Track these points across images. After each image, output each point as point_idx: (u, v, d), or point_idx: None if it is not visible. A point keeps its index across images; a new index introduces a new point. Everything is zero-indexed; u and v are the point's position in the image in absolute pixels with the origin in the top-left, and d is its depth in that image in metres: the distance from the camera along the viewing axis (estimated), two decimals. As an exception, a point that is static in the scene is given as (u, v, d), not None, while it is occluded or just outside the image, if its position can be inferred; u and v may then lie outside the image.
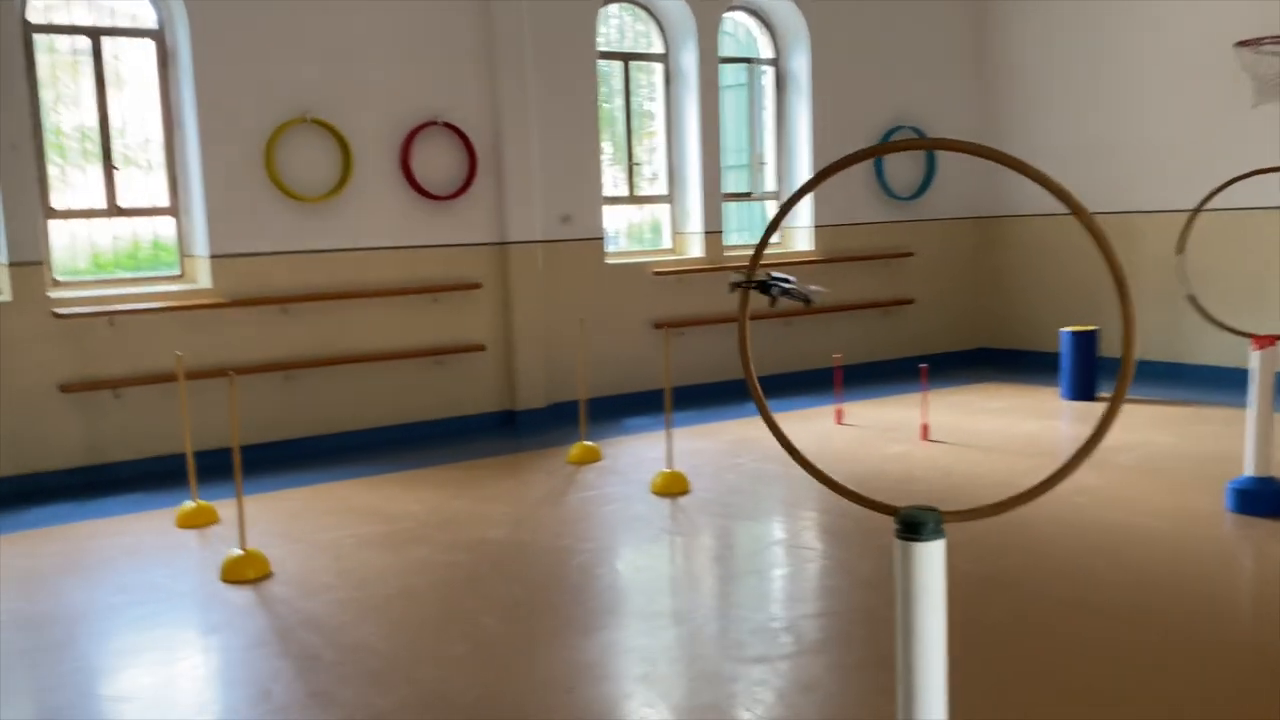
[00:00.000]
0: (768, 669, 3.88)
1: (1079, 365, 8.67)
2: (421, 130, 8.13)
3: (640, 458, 7.14)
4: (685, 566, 5.29)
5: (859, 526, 5.45)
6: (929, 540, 2.37)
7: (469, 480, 6.78)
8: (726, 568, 5.28)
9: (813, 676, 3.83)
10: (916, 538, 2.37)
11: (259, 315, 7.65)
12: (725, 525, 5.69)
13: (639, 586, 4.86)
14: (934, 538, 2.38)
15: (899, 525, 2.41)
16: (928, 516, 2.38)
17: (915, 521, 2.38)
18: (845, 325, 10.35)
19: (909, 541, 2.38)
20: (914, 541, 2.38)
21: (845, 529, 5.50)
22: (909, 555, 2.38)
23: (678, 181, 9.71)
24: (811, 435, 7.70)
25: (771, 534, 5.56)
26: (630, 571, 5.05)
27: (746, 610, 4.52)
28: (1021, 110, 10.74)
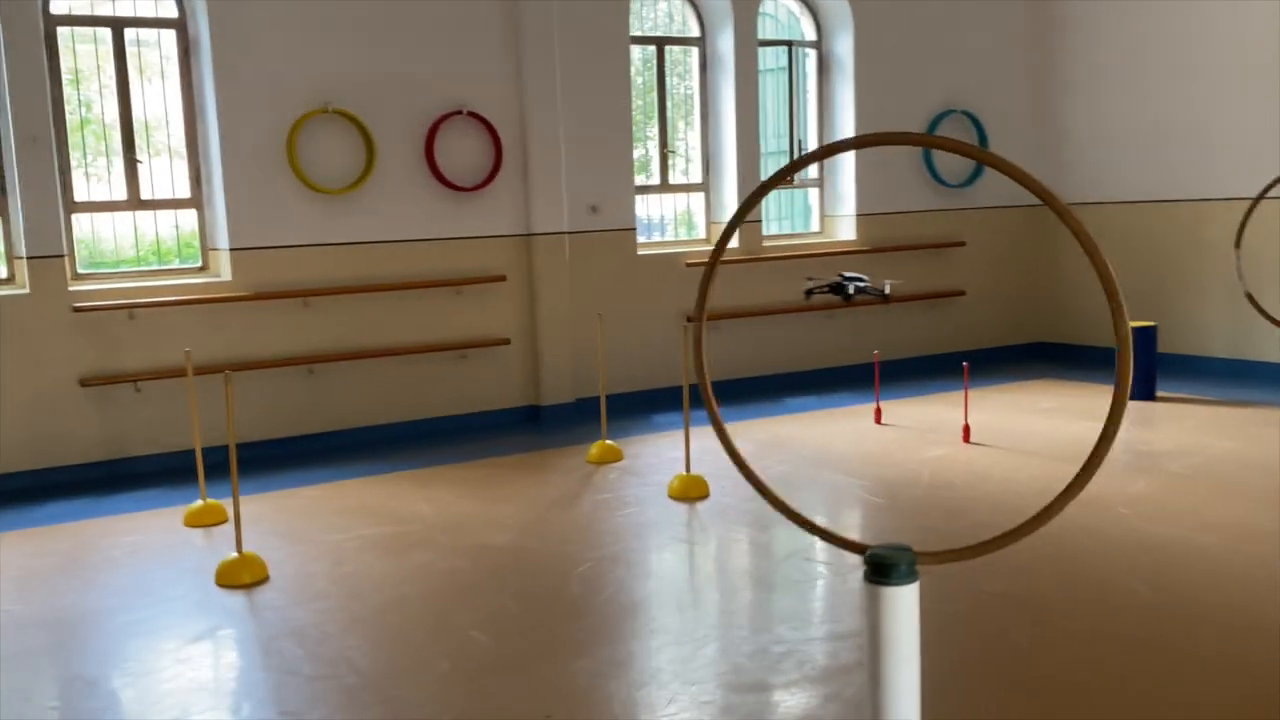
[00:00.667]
0: (761, 700, 3.61)
1: (1136, 363, 8.20)
2: (446, 120, 7.93)
3: (663, 458, 6.88)
4: (691, 581, 5.02)
5: (880, 540, 5.13)
6: (900, 584, 2.09)
7: (484, 479, 6.58)
8: (734, 582, 5.00)
9: (808, 711, 3.54)
10: (886, 581, 2.09)
11: (280, 309, 7.53)
12: (740, 534, 5.41)
13: (639, 602, 4.60)
14: (906, 581, 2.09)
15: (867, 567, 2.12)
16: (899, 558, 2.09)
17: (884, 563, 2.09)
18: (891, 318, 9.97)
19: (878, 585, 2.10)
20: (883, 585, 2.09)
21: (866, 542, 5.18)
22: (877, 601, 2.10)
23: (713, 169, 9.40)
24: (846, 436, 7.38)
25: (788, 545, 5.27)
26: (632, 584, 4.80)
27: (750, 631, 4.25)
28: (1080, 93, 10.24)
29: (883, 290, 9.19)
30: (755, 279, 9.32)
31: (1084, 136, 10.22)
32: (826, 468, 6.53)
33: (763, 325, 9.40)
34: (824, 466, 6.55)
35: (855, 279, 9.21)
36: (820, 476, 6.34)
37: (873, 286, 9.27)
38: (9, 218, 6.88)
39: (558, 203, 8.38)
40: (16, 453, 6.82)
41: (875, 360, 8.05)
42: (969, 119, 10.17)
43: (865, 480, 6.22)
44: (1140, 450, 6.64)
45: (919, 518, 5.49)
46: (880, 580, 2.08)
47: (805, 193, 10.11)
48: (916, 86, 9.94)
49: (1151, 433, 7.32)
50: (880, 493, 5.99)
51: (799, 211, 10.29)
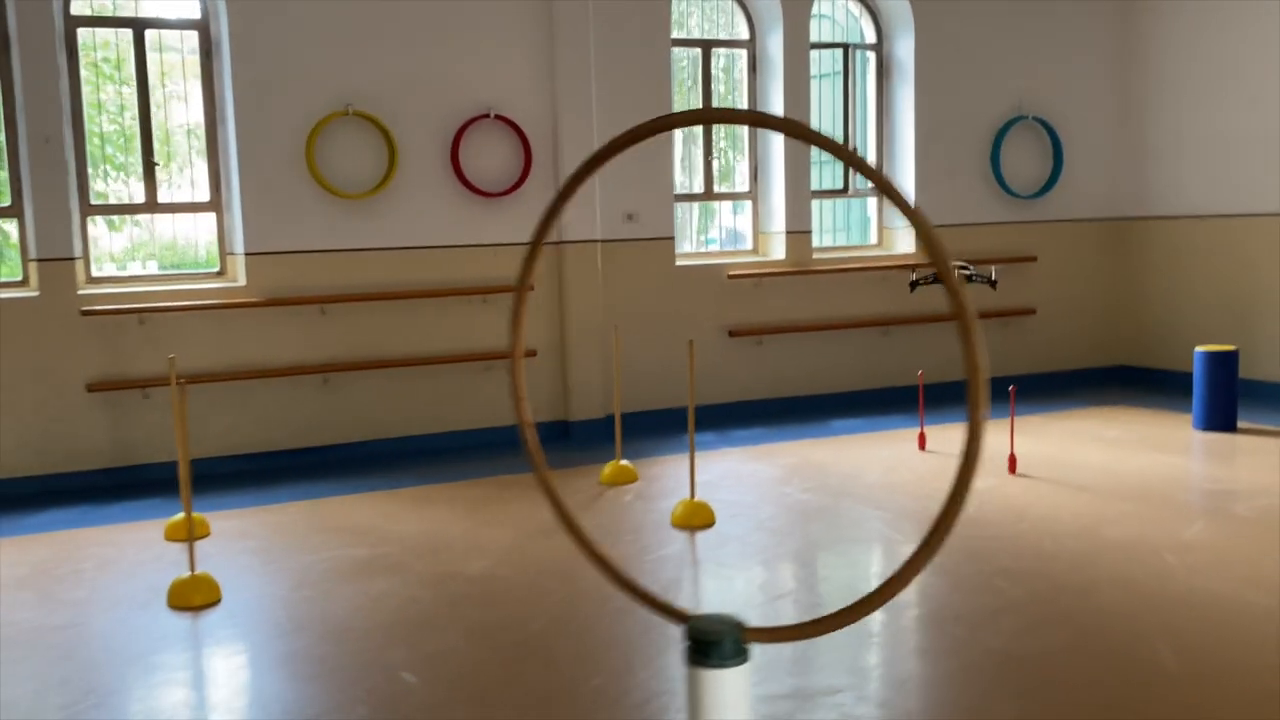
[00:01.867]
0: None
1: (1215, 391, 7.46)
2: (473, 124, 7.64)
3: (680, 481, 6.41)
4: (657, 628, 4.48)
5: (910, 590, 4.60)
6: (725, 666, 1.63)
7: (484, 499, 6.23)
8: None
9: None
10: (706, 662, 1.64)
11: (296, 315, 7.31)
12: (732, 572, 4.91)
13: (591, 650, 4.12)
14: (731, 662, 1.63)
15: (687, 643, 1.67)
16: (723, 632, 1.64)
17: (704, 640, 1.64)
18: (954, 337, 9.31)
19: (698, 668, 1.65)
20: (703, 668, 1.64)
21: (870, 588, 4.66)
22: (697, 684, 1.65)
23: (762, 177, 8.92)
24: (884, 462, 6.82)
25: (780, 586, 4.78)
26: (595, 627, 4.35)
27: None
28: (1164, 100, 9.48)
29: (989, 277, 8.64)
30: (805, 292, 8.82)
31: (1167, 146, 9.45)
32: (850, 497, 6.00)
33: (813, 342, 8.88)
34: (848, 496, 6.02)
35: (961, 266, 8.68)
36: (839, 507, 5.82)
37: (979, 274, 8.70)
38: (23, 220, 6.80)
39: (590, 209, 8.02)
40: (22, 457, 6.72)
41: (919, 381, 7.47)
42: (1042, 126, 9.50)
43: (887, 512, 5.68)
44: (1206, 488, 5.95)
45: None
46: (701, 660, 1.63)
47: (863, 202, 9.56)
48: (983, 91, 9.31)
49: (1223, 468, 6.60)
50: (900, 527, 5.44)
51: (856, 222, 9.74)
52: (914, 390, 8.98)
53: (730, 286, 8.59)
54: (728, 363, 8.61)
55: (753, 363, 8.71)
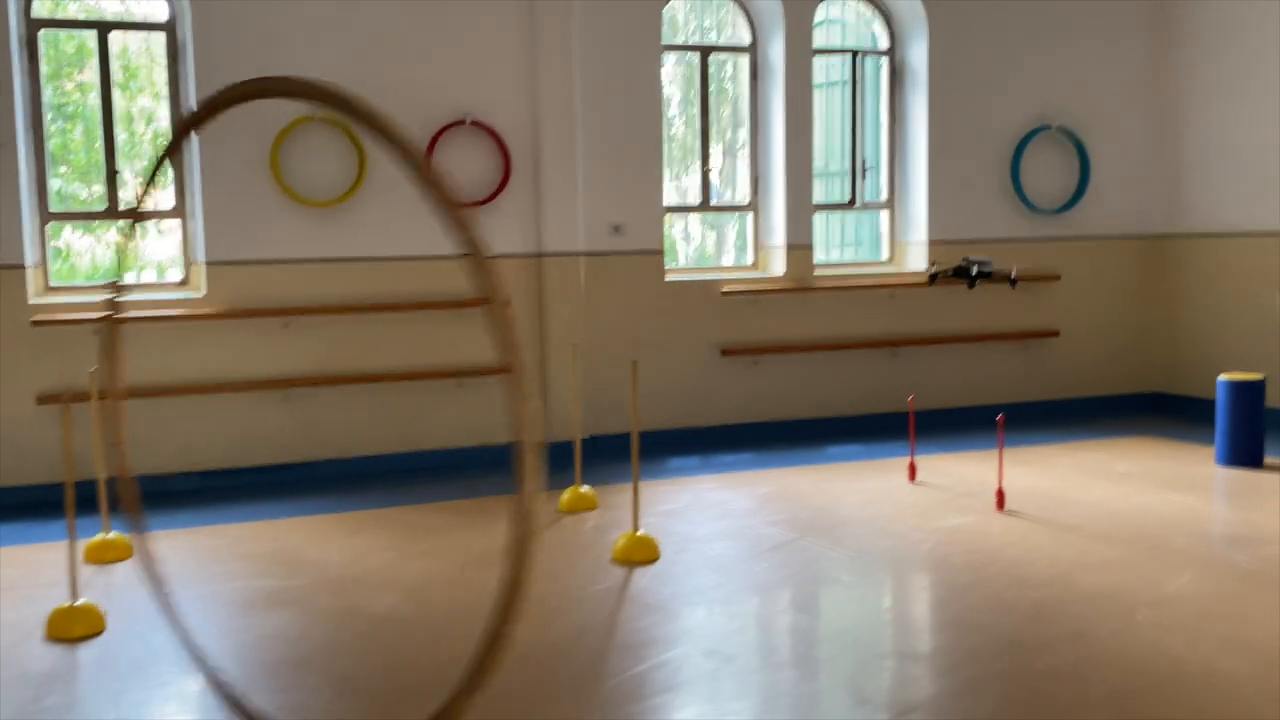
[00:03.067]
0: None
1: (1239, 423, 6.84)
2: (448, 130, 7.33)
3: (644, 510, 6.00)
4: (548, 684, 3.98)
5: (837, 644, 4.14)
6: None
7: (426, 526, 5.87)
8: (599, 692, 3.93)
9: None
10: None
11: (257, 327, 7.04)
12: (658, 618, 4.41)
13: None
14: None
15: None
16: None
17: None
18: (970, 359, 8.79)
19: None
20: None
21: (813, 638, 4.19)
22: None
23: (764, 189, 8.48)
24: (865, 494, 6.33)
25: (707, 635, 4.31)
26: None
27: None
28: (1201, 110, 8.84)
29: (1009, 274, 8.16)
30: (806, 310, 8.35)
31: (1204, 158, 8.81)
32: (815, 533, 5.52)
33: (813, 363, 8.40)
34: (813, 531, 5.55)
35: (980, 262, 8.22)
36: (798, 544, 5.34)
37: (999, 270, 8.21)
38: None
39: (573, 220, 7.65)
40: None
41: (910, 407, 6.95)
42: (1068, 137, 8.93)
43: (847, 552, 5.19)
44: (1211, 532, 5.36)
45: (867, 609, 4.46)
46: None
47: (874, 216, 9.07)
48: (1003, 99, 8.77)
49: (1237, 510, 5.99)
50: (853, 568, 4.95)
51: (868, 237, 9.24)
52: (922, 416, 8.47)
53: (724, 303, 8.16)
54: (720, 383, 8.17)
55: (747, 384, 8.26)
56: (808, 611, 4.51)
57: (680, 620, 4.34)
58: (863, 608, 4.57)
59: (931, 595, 4.59)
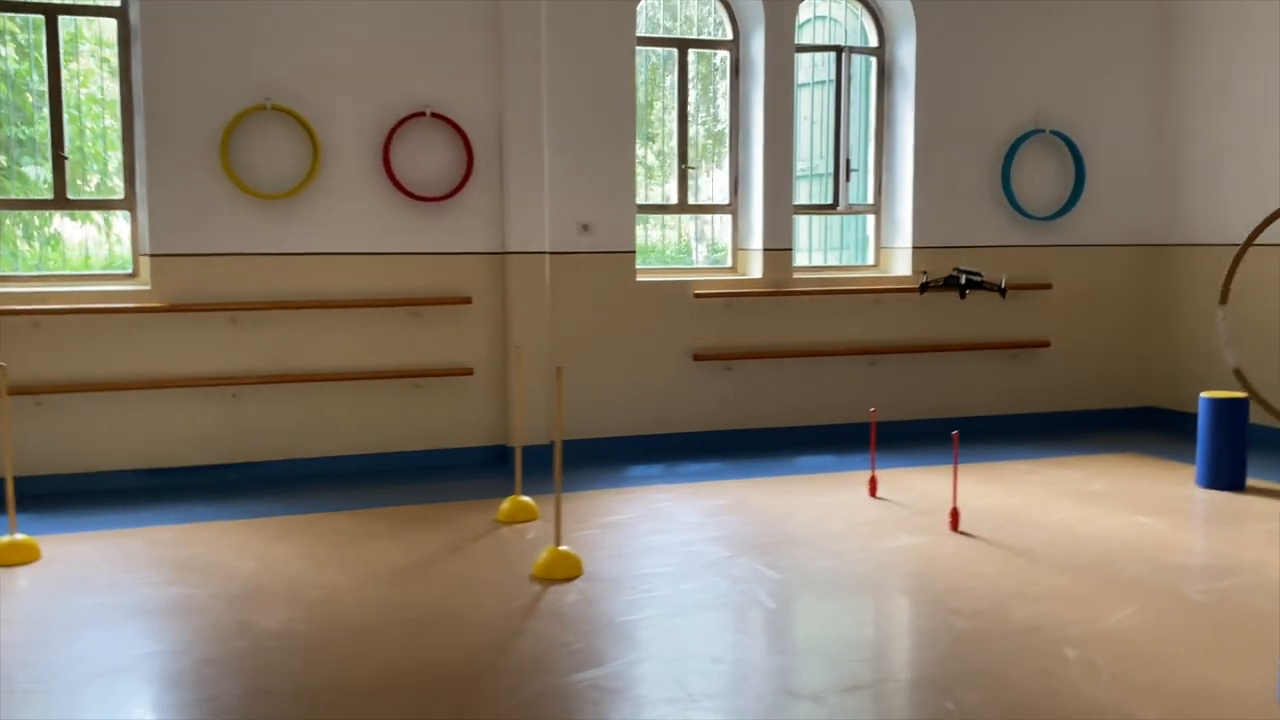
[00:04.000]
0: None
1: (1220, 443, 6.49)
2: (407, 122, 7.11)
3: (589, 522, 5.79)
4: (409, 708, 3.74)
5: (729, 678, 3.87)
6: None
7: (355, 534, 5.65)
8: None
9: None
10: None
11: (204, 323, 6.87)
12: (552, 644, 4.11)
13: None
14: None
15: None
16: None
17: None
18: (956, 369, 8.48)
19: None
20: None
21: (709, 671, 3.93)
22: None
23: (743, 189, 8.21)
24: (819, 509, 6.05)
25: (597, 664, 4.04)
26: (352, 705, 3.70)
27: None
28: (1206, 113, 8.47)
29: (999, 285, 7.87)
30: (784, 315, 8.07)
31: (1207, 165, 8.44)
32: (755, 551, 5.25)
33: (790, 370, 8.12)
34: (754, 549, 5.28)
35: (969, 272, 7.95)
36: (732, 563, 5.07)
37: (989, 281, 7.93)
38: (-80, 213, 6.50)
39: (538, 219, 7.41)
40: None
41: (872, 419, 6.65)
42: (1062, 141, 8.58)
43: (780, 574, 4.91)
44: (1169, 561, 5.03)
45: (776, 639, 4.18)
46: None
47: (860, 220, 8.76)
48: (994, 101, 8.44)
49: (1206, 536, 5.66)
50: (782, 592, 4.67)
51: (855, 241, 8.94)
52: (902, 428, 8.21)
53: (697, 306, 7.89)
54: (690, 389, 7.92)
55: (719, 390, 7.99)
56: (713, 640, 4.23)
57: (575, 647, 4.07)
58: (771, 638, 4.28)
59: (851, 624, 4.32)
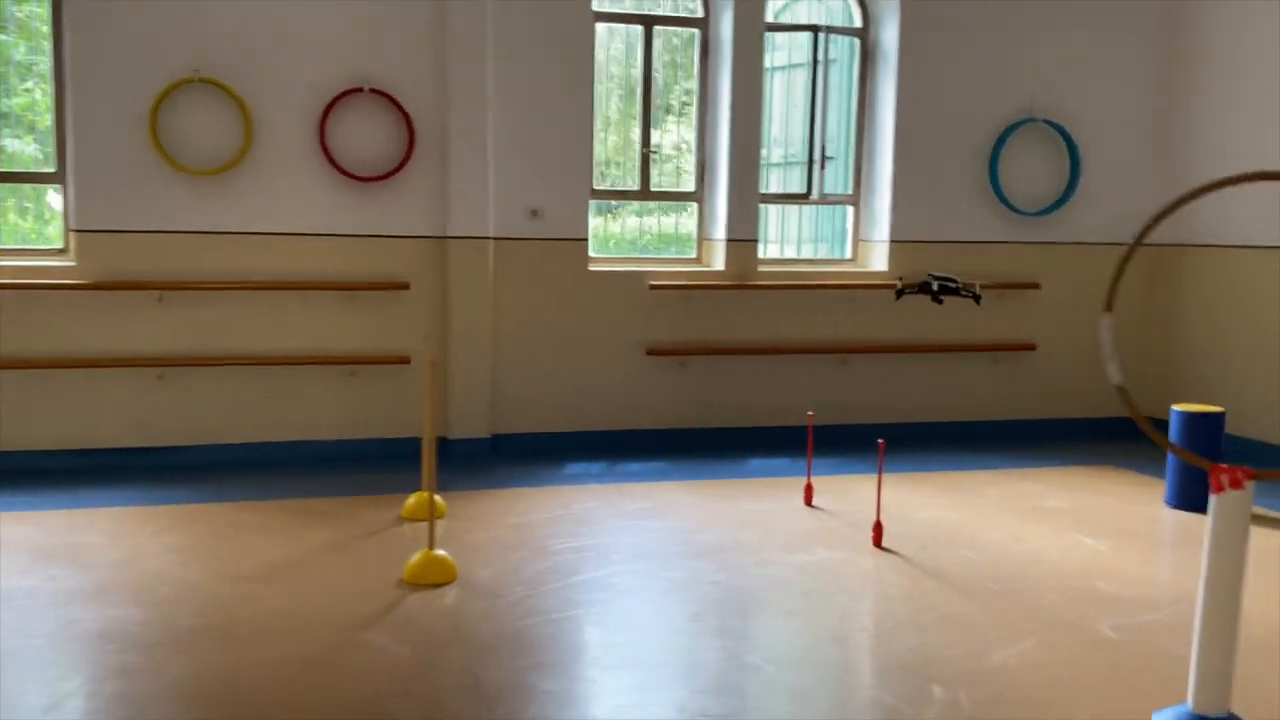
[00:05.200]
0: None
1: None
2: (345, 97, 6.83)
3: (494, 522, 5.48)
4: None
5: (545, 707, 3.54)
6: None
7: (246, 525, 5.40)
8: None
9: None
10: None
11: (130, 301, 6.66)
12: (384, 657, 3.81)
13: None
14: None
15: None
16: None
17: None
18: (932, 371, 8.04)
19: None
20: None
21: (522, 699, 3.59)
22: None
23: (709, 176, 7.82)
24: (746, 516, 5.68)
25: (423, 686, 3.72)
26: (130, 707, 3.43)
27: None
28: (1216, 105, 7.92)
29: (974, 291, 7.46)
30: (746, 310, 7.69)
31: (1216, 161, 7.87)
32: (651, 560, 4.90)
33: (751, 367, 7.74)
34: (651, 558, 4.93)
35: (943, 278, 7.52)
36: (618, 574, 4.72)
37: (965, 287, 7.50)
38: None
39: (483, 203, 7.10)
40: None
41: (809, 423, 6.25)
42: (1056, 131, 8.07)
43: (664, 588, 4.56)
44: (1093, 589, 4.58)
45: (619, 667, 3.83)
46: None
47: (839, 211, 8.33)
48: (984, 87, 7.96)
49: (1150, 564, 5.19)
50: (651, 612, 4.31)
51: (835, 234, 8.50)
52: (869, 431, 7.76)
53: (653, 298, 7.53)
54: (643, 385, 7.56)
55: (674, 387, 7.63)
56: (548, 669, 3.85)
57: (401, 661, 3.75)
58: (609, 669, 3.84)
59: (711, 651, 3.93)
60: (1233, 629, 3.02)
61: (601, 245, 7.85)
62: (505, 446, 7.29)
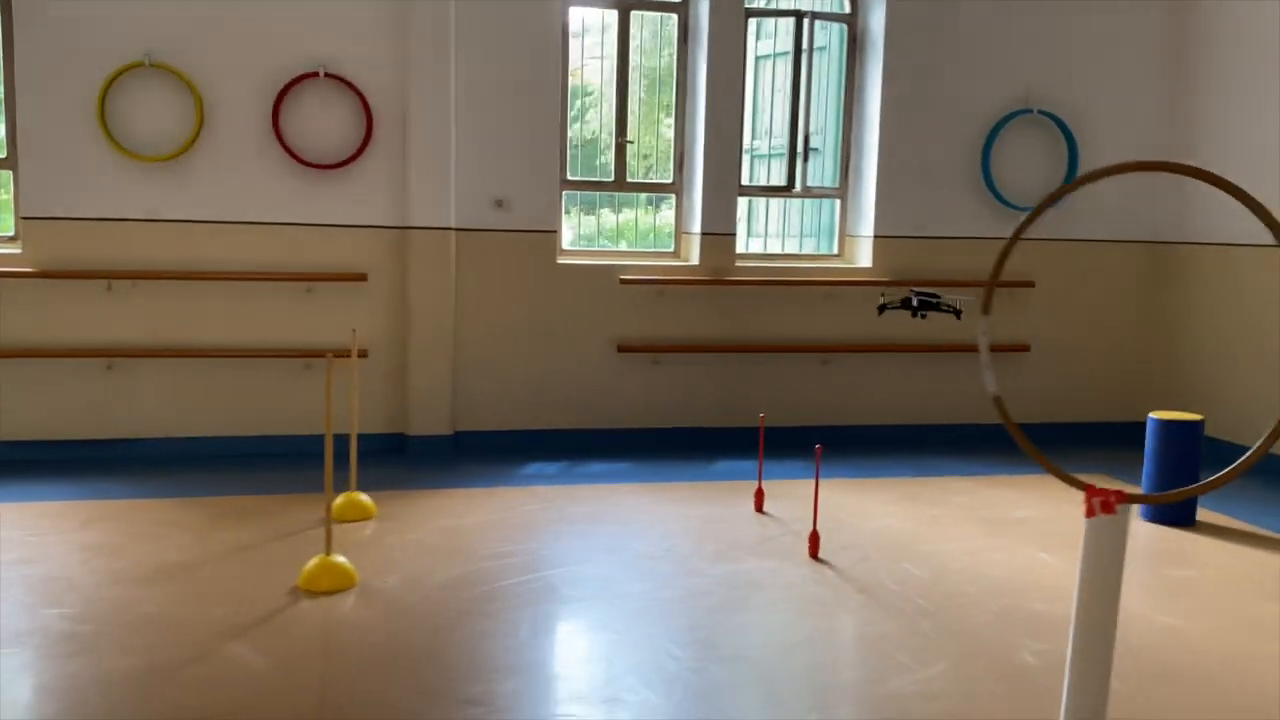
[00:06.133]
0: None
1: (1169, 472, 5.61)
2: (300, 83, 6.65)
3: (422, 525, 5.27)
4: None
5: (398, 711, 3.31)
6: None
7: (165, 523, 5.24)
8: None
9: None
10: None
11: (77, 290, 6.54)
12: (255, 667, 3.62)
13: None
14: None
15: None
16: None
17: None
18: (918, 372, 7.70)
19: None
20: None
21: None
22: None
23: (688, 168, 7.54)
24: (687, 522, 5.41)
25: (308, 683, 3.51)
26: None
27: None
28: (1226, 96, 7.48)
29: (955, 307, 7.15)
30: (724, 306, 7.41)
31: (1224, 155, 7.44)
32: (571, 566, 4.66)
33: (727, 366, 7.46)
34: (572, 564, 4.69)
35: (924, 294, 7.22)
36: (530, 583, 4.48)
37: (946, 303, 7.19)
38: None
39: (444, 192, 6.89)
40: None
41: (760, 425, 5.95)
42: (1054, 123, 7.68)
43: (571, 600, 4.30)
44: (1028, 609, 4.24)
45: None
46: None
47: (826, 204, 8.01)
48: (976, 75, 7.59)
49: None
50: (546, 626, 4.05)
51: (823, 228, 8.17)
52: (850, 434, 7.49)
53: (625, 293, 7.27)
54: (613, 383, 7.31)
55: (645, 385, 7.36)
56: (409, 686, 3.64)
57: (260, 675, 3.55)
58: (474, 685, 3.62)
59: (587, 667, 3.67)
60: (1105, 666, 2.71)
61: (591, 240, 7.62)
62: (468, 444, 7.08)
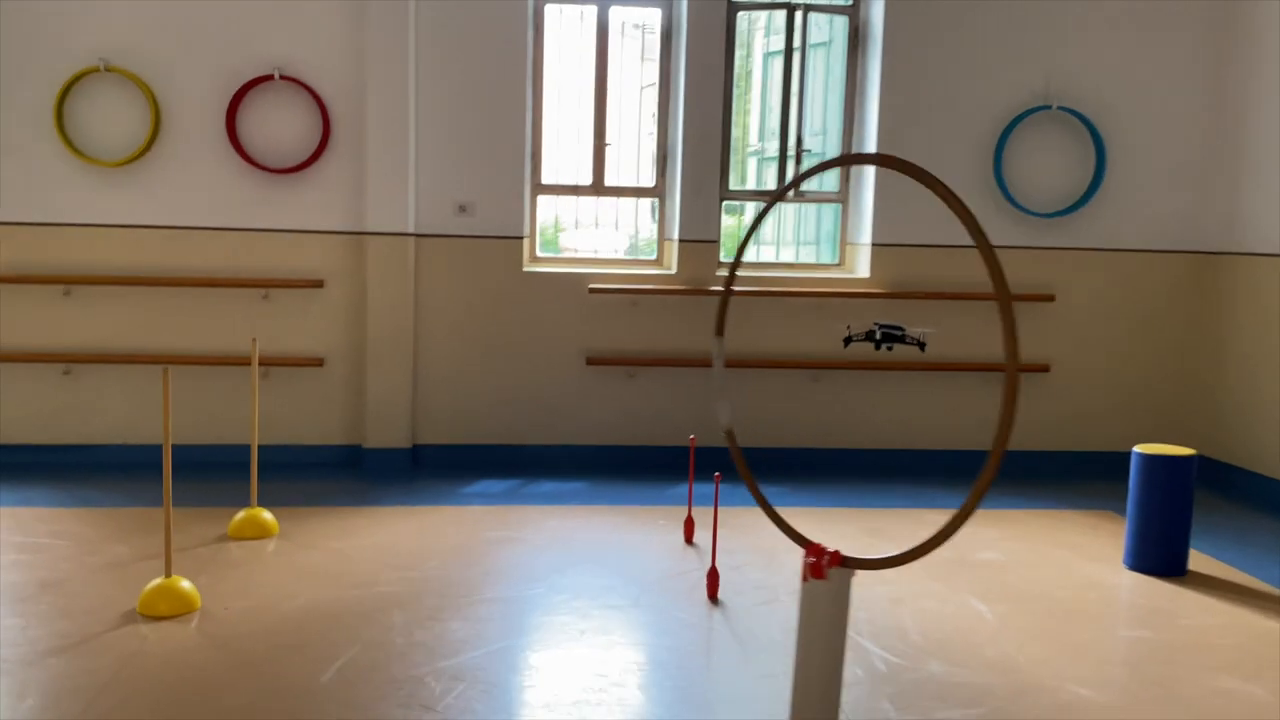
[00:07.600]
0: None
1: (1157, 515, 4.94)
2: (255, 85, 6.49)
3: (314, 545, 5.00)
4: None
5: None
6: None
7: (66, 535, 5.10)
8: None
9: None
10: None
11: (34, 295, 6.50)
12: (46, 698, 3.39)
13: None
14: None
15: None
16: None
17: None
18: (924, 392, 7.11)
19: None
20: None
21: None
22: None
23: (669, 171, 7.14)
24: (595, 551, 5.00)
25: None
26: None
27: None
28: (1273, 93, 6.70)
29: (919, 339, 6.65)
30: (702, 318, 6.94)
31: (1273, 153, 6.66)
32: (445, 598, 4.30)
33: (704, 381, 6.99)
34: (447, 596, 4.34)
35: (887, 327, 6.76)
36: (375, 615, 4.14)
37: (910, 335, 6.72)
38: None
39: (403, 196, 6.64)
40: None
41: (690, 445, 5.47)
42: (1079, 120, 7.00)
43: (396, 627, 3.94)
44: (924, 676, 3.70)
45: None
46: None
47: (828, 210, 7.48)
48: (989, 69, 6.96)
49: (1031, 642, 4.21)
50: (363, 643, 3.70)
51: (824, 235, 7.64)
52: (839, 458, 6.98)
53: (596, 303, 6.90)
54: (582, 397, 6.94)
55: (618, 400, 6.97)
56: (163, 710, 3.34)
57: (20, 714, 3.30)
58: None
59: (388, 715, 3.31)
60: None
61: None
62: (427, 459, 6.81)
